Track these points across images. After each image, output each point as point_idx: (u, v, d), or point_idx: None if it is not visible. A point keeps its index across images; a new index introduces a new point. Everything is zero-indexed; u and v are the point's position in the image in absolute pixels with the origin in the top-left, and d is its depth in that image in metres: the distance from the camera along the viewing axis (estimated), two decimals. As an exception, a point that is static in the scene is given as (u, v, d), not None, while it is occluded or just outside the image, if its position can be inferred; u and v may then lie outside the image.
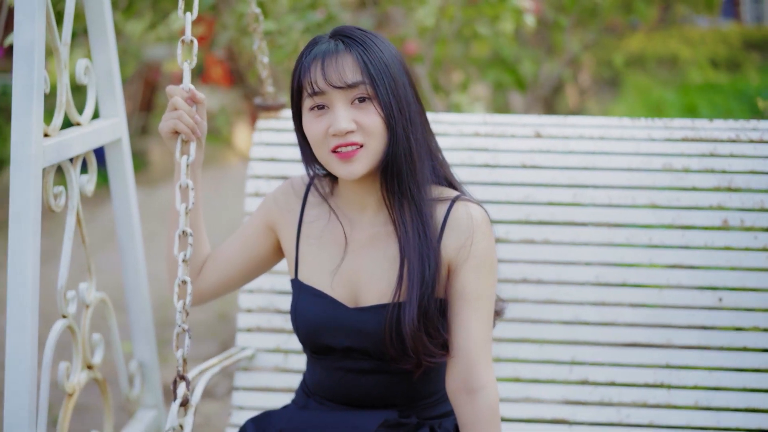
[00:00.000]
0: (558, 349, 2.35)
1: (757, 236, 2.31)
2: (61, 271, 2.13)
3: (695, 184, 2.35)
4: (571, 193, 2.39)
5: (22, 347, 1.93)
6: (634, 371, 2.32)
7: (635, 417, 2.30)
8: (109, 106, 2.40)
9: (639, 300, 2.33)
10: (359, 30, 1.82)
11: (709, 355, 2.30)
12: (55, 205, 2.08)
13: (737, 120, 2.44)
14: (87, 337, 2.30)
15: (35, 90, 1.91)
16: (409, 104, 1.80)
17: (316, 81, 1.77)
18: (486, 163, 2.43)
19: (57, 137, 2.04)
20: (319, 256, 1.89)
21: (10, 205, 1.93)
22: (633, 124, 2.46)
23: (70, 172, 2.16)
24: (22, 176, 1.92)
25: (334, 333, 1.84)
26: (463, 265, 1.80)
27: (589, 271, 2.35)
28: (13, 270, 1.95)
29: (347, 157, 1.76)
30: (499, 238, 2.38)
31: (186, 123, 1.82)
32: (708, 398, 2.29)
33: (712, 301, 2.31)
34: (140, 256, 2.53)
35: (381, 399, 1.86)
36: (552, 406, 2.34)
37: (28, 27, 1.91)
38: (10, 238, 1.93)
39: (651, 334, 2.32)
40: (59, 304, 2.14)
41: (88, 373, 2.30)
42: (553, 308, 2.36)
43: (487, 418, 1.78)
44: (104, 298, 2.41)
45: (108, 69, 2.37)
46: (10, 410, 1.93)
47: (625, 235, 2.35)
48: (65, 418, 2.15)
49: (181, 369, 1.83)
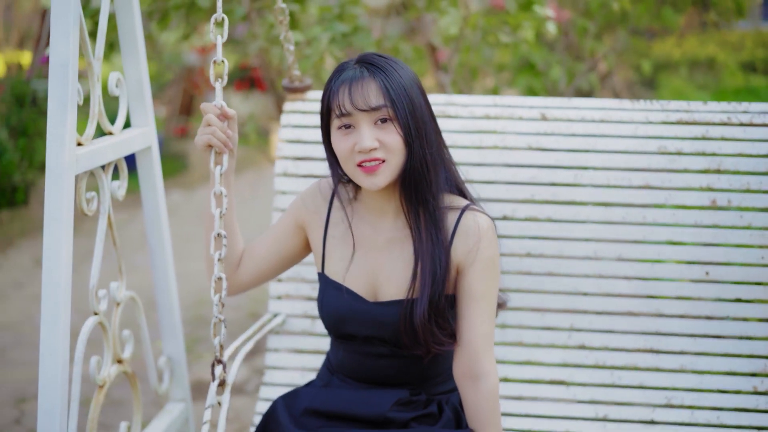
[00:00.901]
0: (558, 317, 2.59)
1: (743, 215, 2.51)
2: (92, 271, 2.30)
3: (687, 166, 2.55)
4: (573, 174, 2.59)
5: (54, 342, 2.10)
6: (627, 337, 2.55)
7: (626, 379, 2.55)
8: (140, 115, 2.57)
9: (633, 273, 2.55)
10: (382, 57, 2.02)
11: (694, 323, 2.53)
12: (87, 209, 2.25)
13: (730, 102, 2.62)
14: (117, 333, 2.47)
15: (69, 103, 2.08)
16: (425, 123, 2.01)
17: (343, 104, 1.97)
18: (495, 145, 2.64)
19: (89, 146, 2.21)
20: (343, 255, 2.12)
21: (45, 209, 2.10)
22: (632, 106, 2.64)
23: (102, 178, 2.33)
24: (56, 183, 2.09)
25: (355, 323, 2.08)
26: (470, 267, 2.03)
27: (587, 247, 2.57)
28: (47, 269, 2.11)
29: (371, 171, 1.98)
30: (506, 215, 2.60)
31: (218, 138, 2.05)
32: (693, 362, 2.52)
33: (699, 274, 2.53)
34: (169, 257, 2.70)
35: (395, 379, 2.12)
36: (551, 369, 2.59)
37: (63, 45, 2.08)
38: (45, 241, 2.10)
39: (642, 304, 2.55)
40: (91, 302, 2.32)
41: (118, 366, 2.47)
42: (554, 280, 2.59)
43: (489, 401, 2.03)
44: (134, 297, 2.58)
45: (138, 81, 2.53)
46: (43, 400, 2.11)
47: (621, 213, 2.56)
48: (95, 409, 2.33)
49: (218, 354, 2.10)
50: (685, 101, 2.65)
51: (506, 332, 2.61)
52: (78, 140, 2.19)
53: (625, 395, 2.53)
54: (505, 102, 2.71)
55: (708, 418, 2.48)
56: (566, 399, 2.56)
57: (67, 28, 2.10)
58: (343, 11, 3.55)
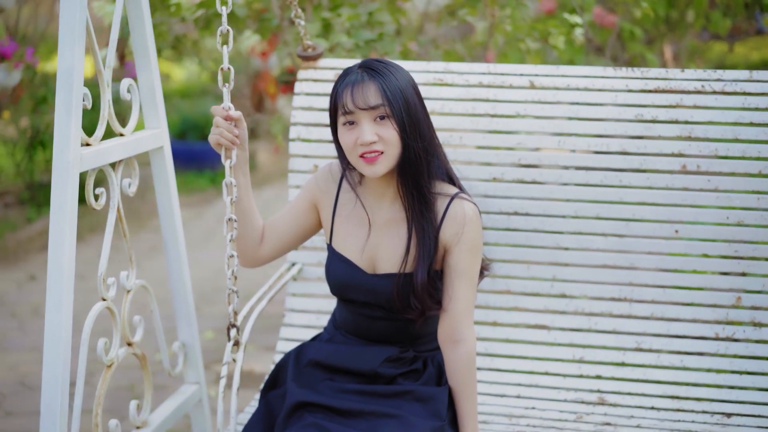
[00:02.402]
0: (542, 268, 2.88)
1: (710, 179, 2.75)
2: (101, 260, 2.48)
3: (661, 133, 2.78)
4: (557, 140, 2.85)
5: (58, 323, 2.29)
6: (603, 288, 2.84)
7: (602, 324, 2.85)
8: (152, 118, 2.79)
9: (609, 230, 2.82)
10: (381, 63, 2.32)
11: (664, 276, 2.81)
12: (95, 204, 2.45)
13: (705, 70, 2.82)
14: (126, 318, 2.64)
15: (74, 107, 2.29)
16: (419, 120, 2.31)
17: (347, 104, 2.28)
18: (486, 113, 2.89)
19: (97, 146, 2.43)
20: (349, 231, 2.44)
21: (51, 203, 2.31)
22: (615, 74, 2.85)
23: (111, 175, 2.55)
24: (61, 179, 2.29)
25: (355, 291, 2.41)
26: (455, 247, 2.34)
27: (568, 206, 2.84)
28: (52, 257, 2.29)
29: (371, 161, 2.29)
30: (496, 177, 2.87)
31: (226, 137, 2.36)
32: (662, 310, 2.81)
33: (669, 232, 2.79)
34: (182, 247, 2.90)
35: (389, 337, 2.45)
36: (535, 314, 2.90)
37: (68, 54, 2.29)
38: (51, 230, 2.30)
39: (618, 258, 2.83)
40: (99, 289, 2.48)
41: (127, 349, 2.68)
42: (539, 236, 2.87)
43: (466, 362, 2.36)
44: (145, 285, 2.78)
45: (150, 86, 2.75)
46: (47, 377, 2.30)
47: (600, 176, 2.81)
48: (102, 386, 2.54)
49: (232, 319, 2.46)
50: (664, 69, 2.85)
51: (496, 282, 2.91)
52: (87, 141, 2.40)
53: (600, 339, 2.84)
54: (498, 70, 2.94)
55: (672, 361, 2.79)
56: (547, 342, 2.88)
57: (73, 38, 2.31)
58: (371, 18, 3.75)
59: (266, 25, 4.09)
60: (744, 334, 2.75)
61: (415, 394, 2.36)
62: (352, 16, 3.73)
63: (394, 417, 2.29)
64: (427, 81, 2.93)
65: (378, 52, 3.79)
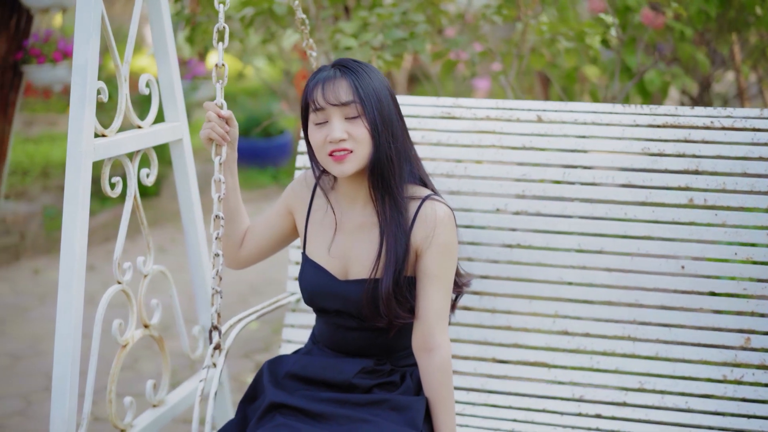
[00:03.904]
0: (544, 304, 2.79)
1: (718, 213, 2.66)
2: (117, 245, 2.59)
3: (667, 166, 2.71)
4: (561, 172, 2.80)
5: (68, 302, 2.39)
6: (606, 325, 2.74)
7: (604, 363, 2.73)
8: (171, 111, 2.90)
9: (613, 265, 2.73)
10: (355, 62, 2.29)
11: (669, 314, 2.69)
12: (111, 192, 2.55)
13: (716, 108, 2.77)
14: (143, 301, 2.76)
15: (87, 99, 2.39)
16: (391, 121, 2.27)
17: (317, 99, 2.25)
18: (492, 144, 2.86)
19: (112, 137, 2.53)
20: (320, 237, 2.39)
21: (65, 190, 2.41)
22: (623, 110, 2.82)
23: (127, 165, 2.65)
24: (74, 167, 2.39)
25: (327, 298, 2.35)
26: (426, 250, 2.27)
27: (572, 240, 2.77)
28: (65, 240, 2.40)
29: (340, 159, 2.24)
30: (499, 209, 2.82)
31: (217, 132, 2.36)
32: (667, 350, 2.69)
33: (675, 268, 2.69)
34: (201, 235, 3.00)
35: (364, 349, 2.37)
36: (536, 352, 2.79)
37: (83, 49, 2.41)
38: (64, 215, 2.40)
39: (622, 295, 2.73)
40: (114, 272, 2.61)
41: (143, 330, 2.77)
42: (541, 270, 2.79)
43: (440, 370, 2.27)
44: (164, 270, 2.89)
45: (170, 81, 2.87)
46: (58, 352, 2.41)
47: (604, 209, 2.75)
48: (117, 364, 2.64)
49: (215, 321, 2.41)
50: (674, 106, 2.81)
51: (496, 317, 2.83)
52: (103, 132, 2.52)
53: (601, 378, 2.72)
54: (506, 105, 2.92)
55: (676, 403, 2.65)
56: (547, 380, 2.77)
57: (88, 34, 2.43)
58: (404, 18, 3.82)
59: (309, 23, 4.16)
60: (753, 377, 2.61)
61: (390, 403, 2.27)
62: (385, 15, 3.77)
63: (368, 422, 2.20)
64: (435, 114, 2.93)
65: (409, 51, 3.82)
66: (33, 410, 4.08)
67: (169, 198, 7.80)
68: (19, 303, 5.66)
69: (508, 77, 4.22)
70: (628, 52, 4.08)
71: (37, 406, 4.12)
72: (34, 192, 7.33)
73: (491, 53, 4.26)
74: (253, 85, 12.19)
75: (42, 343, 4.93)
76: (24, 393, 4.26)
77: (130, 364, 4.59)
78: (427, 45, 4.10)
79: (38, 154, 8.09)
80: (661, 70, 4.03)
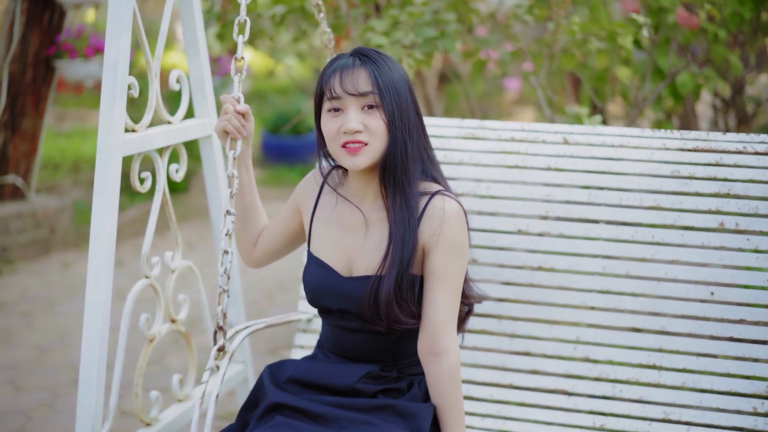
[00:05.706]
0: (565, 329, 2.68)
1: (750, 238, 2.56)
2: (145, 240, 2.60)
3: (698, 189, 2.62)
4: (587, 193, 2.71)
5: (97, 294, 2.39)
6: (631, 353, 2.61)
7: (627, 392, 2.60)
8: (201, 108, 2.90)
9: (639, 290, 2.62)
10: (375, 51, 2.22)
11: (698, 342, 2.57)
12: (140, 187, 2.56)
13: (749, 134, 2.68)
14: (170, 296, 2.76)
15: (117, 96, 2.40)
16: (409, 116, 2.19)
17: (334, 88, 2.17)
18: (516, 165, 2.79)
19: (142, 132, 2.53)
20: (326, 233, 2.30)
21: (95, 184, 2.41)
22: (652, 134, 2.75)
23: (157, 160, 2.66)
24: (104, 162, 2.41)
25: (330, 296, 2.25)
26: (434, 249, 2.17)
27: (596, 263, 2.67)
28: (94, 233, 2.41)
29: (354, 151, 2.16)
30: (521, 230, 2.73)
31: (233, 124, 2.30)
32: (694, 380, 2.56)
33: (704, 294, 2.57)
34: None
35: (369, 354, 2.26)
36: (556, 378, 2.67)
37: (115, 44, 2.42)
38: (93, 210, 2.41)
39: (648, 321, 2.61)
40: (143, 267, 2.62)
41: (170, 325, 2.77)
42: (564, 294, 2.69)
43: (448, 377, 2.15)
44: (191, 266, 2.87)
45: (200, 77, 2.88)
46: (86, 345, 2.41)
47: (631, 232, 2.65)
48: (144, 358, 2.63)
49: (220, 321, 2.32)
50: (705, 132, 2.73)
51: (515, 342, 2.71)
52: (133, 127, 2.51)
53: (624, 408, 2.59)
54: (532, 128, 2.86)
55: (704, 435, 2.51)
56: (567, 408, 2.63)
57: (120, 29, 2.44)
58: (435, 17, 3.81)
59: (340, 21, 4.18)
60: (785, 410, 2.47)
61: (395, 409, 2.15)
62: (416, 14, 3.74)
63: (371, 425, 2.08)
64: (459, 135, 2.86)
65: (439, 50, 3.78)
66: (60, 403, 4.07)
67: (198, 194, 7.79)
68: (48, 296, 5.66)
69: (539, 77, 4.19)
70: (660, 54, 4.02)
71: (64, 399, 4.11)
72: (65, 186, 7.38)
73: (522, 53, 4.24)
74: (283, 82, 12.20)
75: (70, 337, 4.93)
76: (51, 386, 4.25)
77: (157, 358, 4.57)
78: (458, 44, 4.11)
79: (69, 148, 8.15)
80: (693, 72, 3.97)
